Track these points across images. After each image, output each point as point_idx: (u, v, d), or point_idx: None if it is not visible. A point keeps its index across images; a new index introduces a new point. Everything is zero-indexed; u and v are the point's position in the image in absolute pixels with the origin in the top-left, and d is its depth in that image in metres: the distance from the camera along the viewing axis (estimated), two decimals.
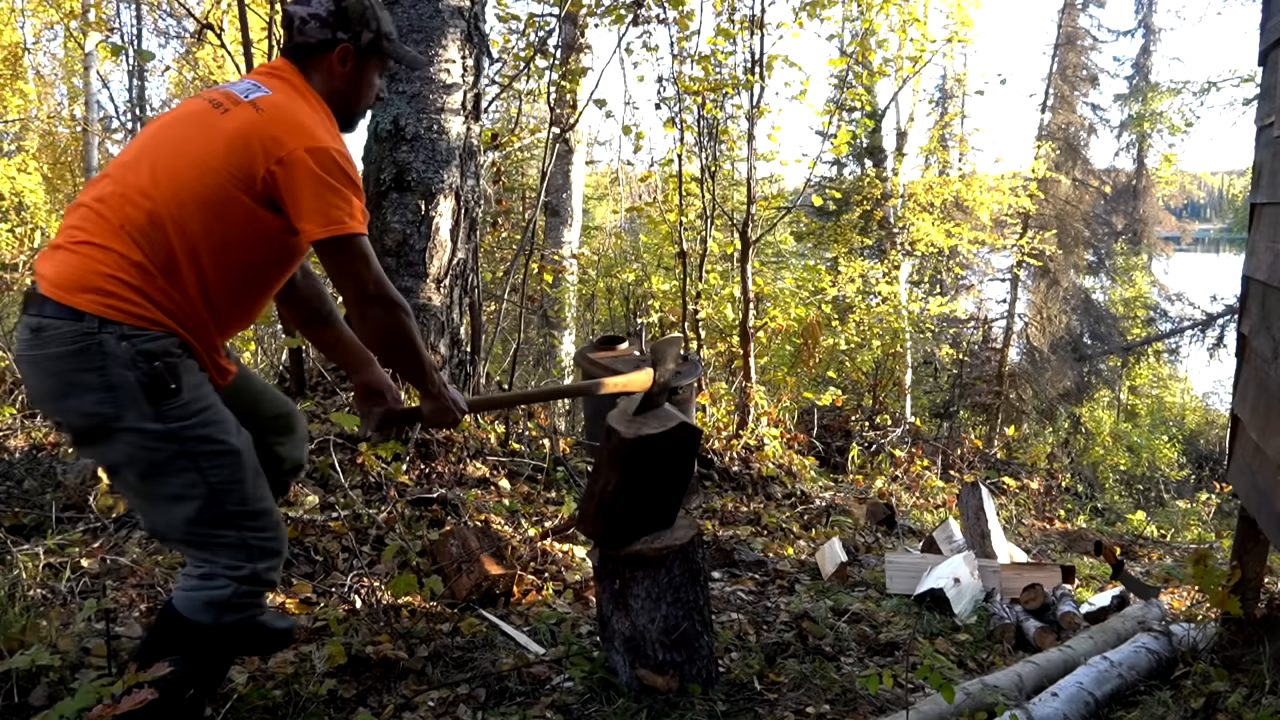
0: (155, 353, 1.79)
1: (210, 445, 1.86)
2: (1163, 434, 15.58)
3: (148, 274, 1.80)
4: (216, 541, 1.89)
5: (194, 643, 1.89)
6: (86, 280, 1.77)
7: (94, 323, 1.75)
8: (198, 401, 1.86)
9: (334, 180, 1.85)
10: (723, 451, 6.16)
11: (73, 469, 4.02)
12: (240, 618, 1.92)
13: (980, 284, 16.37)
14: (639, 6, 6.10)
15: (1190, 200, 27.75)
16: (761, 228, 8.28)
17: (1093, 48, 16.62)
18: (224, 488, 1.87)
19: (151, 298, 1.80)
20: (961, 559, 4.03)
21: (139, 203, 1.82)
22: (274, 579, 1.97)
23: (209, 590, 1.89)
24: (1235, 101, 15.25)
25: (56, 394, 1.81)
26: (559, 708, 2.55)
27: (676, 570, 2.58)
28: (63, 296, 1.77)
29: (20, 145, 13.89)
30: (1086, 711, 2.55)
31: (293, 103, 1.94)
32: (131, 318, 1.78)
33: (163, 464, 1.83)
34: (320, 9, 2.01)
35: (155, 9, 13.82)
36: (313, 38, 2.01)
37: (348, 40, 2.02)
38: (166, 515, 1.89)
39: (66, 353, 1.76)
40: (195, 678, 1.91)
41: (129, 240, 1.80)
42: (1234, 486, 3.09)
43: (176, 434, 1.82)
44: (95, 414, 1.79)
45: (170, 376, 1.80)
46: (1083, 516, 8.92)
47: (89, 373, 1.77)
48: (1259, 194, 2.90)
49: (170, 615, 1.91)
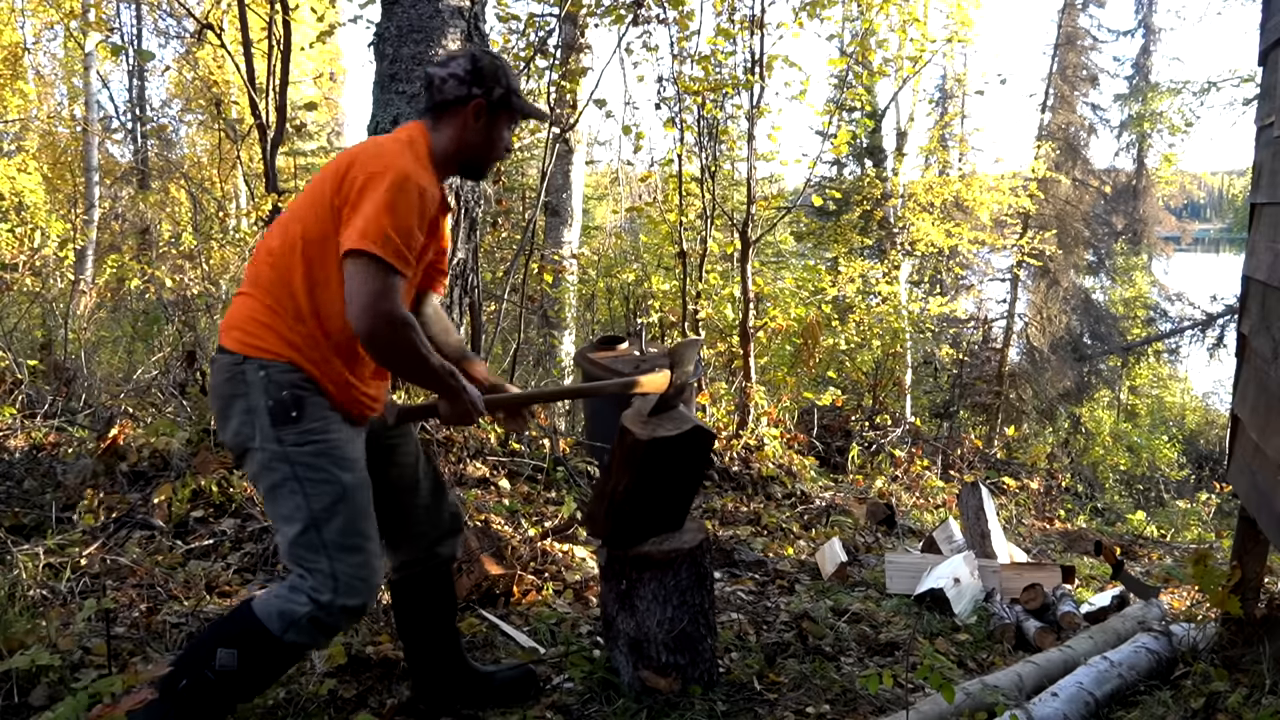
0: (284, 383, 2.03)
1: (318, 474, 2.03)
2: (1163, 434, 15.57)
3: (277, 315, 2.05)
4: (310, 567, 2.02)
5: (255, 645, 2.01)
6: (236, 322, 2.08)
7: (240, 357, 2.04)
8: (316, 432, 2.04)
9: (391, 205, 1.95)
10: (723, 451, 6.16)
11: (73, 469, 4.02)
12: (302, 640, 2.02)
13: (980, 284, 16.37)
14: (639, 6, 6.10)
15: (1190, 200, 27.77)
16: (761, 228, 8.28)
17: (1093, 48, 16.62)
18: (324, 516, 2.02)
19: (283, 336, 2.04)
20: (961, 559, 4.03)
21: (263, 257, 2.10)
22: (349, 619, 2.06)
23: (288, 603, 2.01)
24: (1235, 101, 15.26)
25: (220, 416, 2.09)
26: (559, 708, 2.55)
27: (684, 573, 2.58)
28: (222, 336, 2.10)
29: (20, 145, 13.88)
30: (1086, 711, 2.55)
31: (387, 143, 2.12)
32: (267, 353, 2.03)
33: (278, 485, 2.03)
34: (458, 69, 2.19)
35: (155, 9, 13.83)
36: (450, 95, 2.18)
37: (481, 96, 2.18)
38: (281, 534, 2.06)
39: (223, 380, 2.06)
40: (244, 679, 2.02)
41: (263, 288, 2.07)
42: (1234, 486, 3.09)
43: (290, 457, 2.02)
44: (239, 434, 2.05)
45: (294, 404, 2.02)
46: (1083, 516, 8.91)
47: (238, 398, 2.04)
48: (1259, 194, 2.90)
49: (245, 611, 2.04)
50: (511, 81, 2.24)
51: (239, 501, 3.72)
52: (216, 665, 1.97)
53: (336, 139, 19.16)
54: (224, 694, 2.01)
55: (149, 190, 15.49)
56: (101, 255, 11.60)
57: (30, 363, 5.44)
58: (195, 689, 1.99)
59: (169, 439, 4.13)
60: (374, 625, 2.91)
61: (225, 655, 1.97)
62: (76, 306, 7.00)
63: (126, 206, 14.87)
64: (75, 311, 6.86)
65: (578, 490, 4.67)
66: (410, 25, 4.38)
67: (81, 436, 4.65)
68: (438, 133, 2.20)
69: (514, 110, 2.25)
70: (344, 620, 2.05)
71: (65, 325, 6.48)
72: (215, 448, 4.09)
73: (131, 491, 3.83)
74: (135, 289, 8.57)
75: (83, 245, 11.48)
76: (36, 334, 6.77)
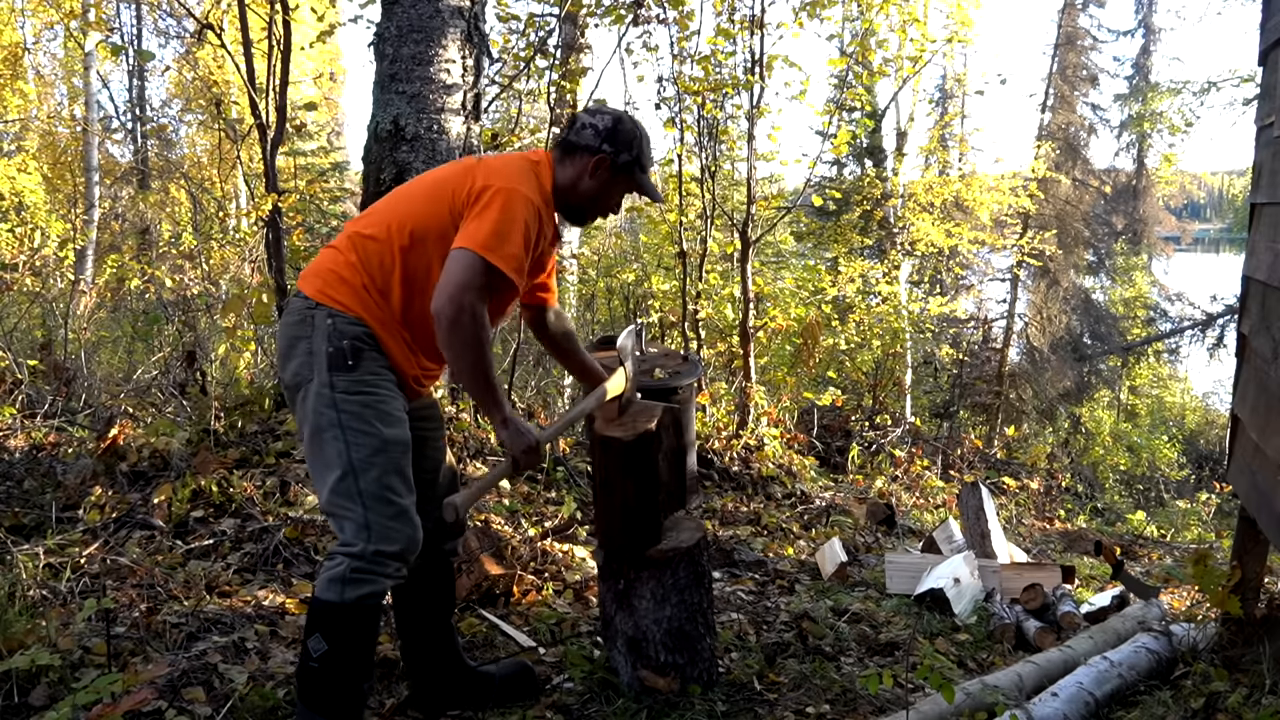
0: (348, 334, 2.12)
1: (361, 424, 2.10)
2: (1163, 434, 15.56)
3: (360, 279, 2.16)
4: (345, 515, 2.10)
5: (329, 619, 2.10)
6: (318, 272, 2.20)
7: (313, 303, 2.15)
8: (368, 385, 2.13)
9: (509, 220, 2.08)
10: (723, 451, 6.16)
11: (73, 469, 4.02)
12: (362, 593, 2.09)
13: (980, 284, 16.36)
14: (639, 6, 6.10)
15: (1190, 200, 27.77)
16: (761, 228, 8.27)
17: (1093, 48, 16.61)
18: (362, 465, 2.09)
19: (359, 295, 2.15)
20: (961, 559, 4.03)
21: (361, 240, 2.20)
22: (393, 565, 2.11)
23: (332, 570, 2.10)
24: (1235, 101, 15.25)
25: (283, 355, 2.18)
26: (559, 708, 2.55)
27: (682, 572, 2.58)
28: (301, 282, 2.21)
29: (20, 145, 13.88)
30: (1086, 711, 2.55)
31: (515, 160, 2.26)
32: (338, 304, 2.14)
33: (323, 429, 2.11)
34: (600, 123, 2.32)
35: (155, 9, 13.83)
36: (582, 141, 2.31)
37: (609, 154, 2.30)
38: (321, 480, 2.14)
39: (293, 321, 2.17)
40: (340, 653, 2.10)
41: (358, 256, 2.18)
42: (1234, 486, 3.09)
43: (338, 403, 2.10)
44: (298, 374, 2.15)
45: (352, 354, 2.12)
46: (1083, 516, 8.91)
47: (303, 339, 2.15)
48: (1259, 194, 2.90)
49: (311, 602, 2.15)
50: (643, 152, 2.35)
51: (239, 501, 3.71)
52: (314, 654, 2.09)
53: (336, 139, 19.16)
54: (334, 674, 2.10)
55: (149, 190, 15.49)
56: (101, 255, 11.59)
57: (30, 363, 5.44)
58: (310, 682, 2.11)
59: (169, 439, 4.13)
60: None
61: (315, 641, 2.09)
62: (76, 306, 7.00)
63: (126, 206, 14.87)
64: (75, 311, 6.86)
65: (578, 490, 4.67)
66: (410, 25, 4.37)
67: (81, 436, 4.65)
68: (561, 167, 2.33)
69: (633, 179, 2.36)
70: (386, 566, 2.10)
71: (65, 325, 6.48)
72: (215, 448, 4.09)
73: (131, 491, 3.83)
74: (135, 289, 8.58)
75: (83, 245, 11.48)
76: (36, 334, 6.77)
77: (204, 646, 2.71)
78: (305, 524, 3.61)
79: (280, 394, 4.72)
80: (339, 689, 2.12)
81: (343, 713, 2.12)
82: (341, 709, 2.12)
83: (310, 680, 2.11)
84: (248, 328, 5.07)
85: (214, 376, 5.58)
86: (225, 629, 2.86)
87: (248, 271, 7.99)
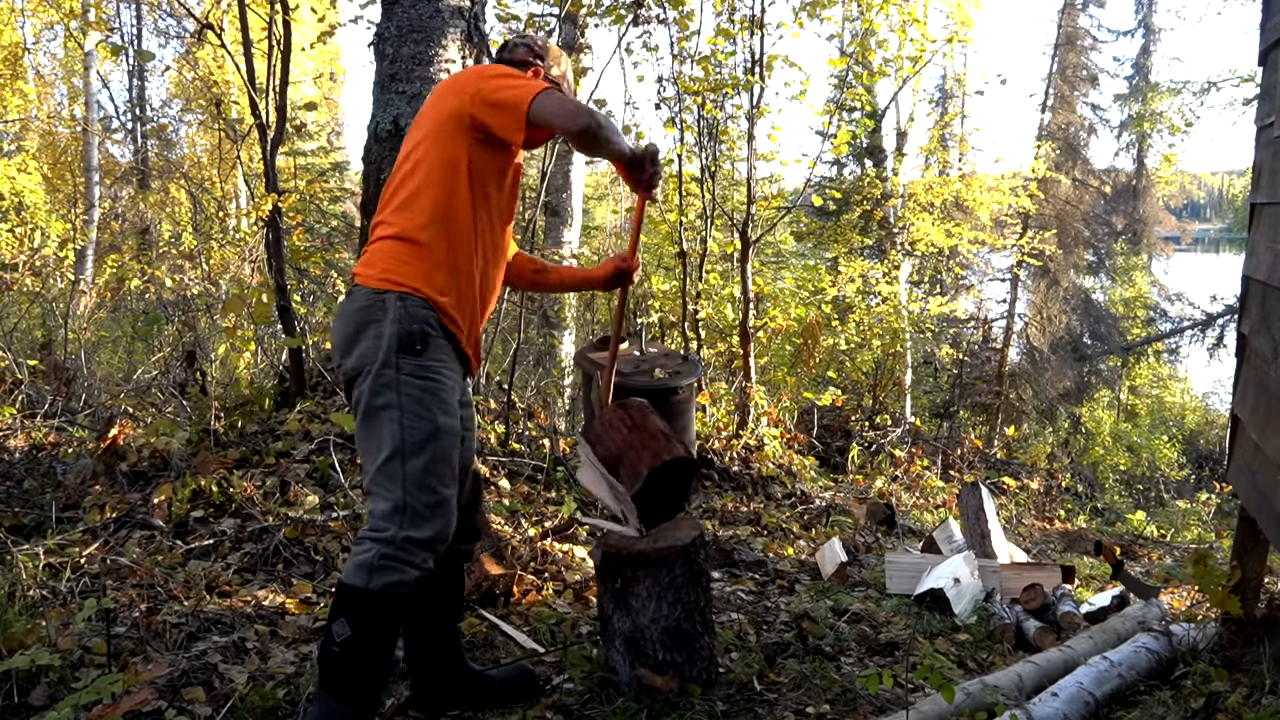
0: (418, 318, 2.17)
1: (419, 408, 2.14)
2: (1163, 434, 15.56)
3: (424, 258, 2.20)
4: (384, 495, 2.13)
5: (354, 605, 2.11)
6: (382, 261, 2.23)
7: (383, 292, 2.18)
8: (431, 371, 2.17)
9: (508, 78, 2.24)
10: (723, 451, 6.16)
11: (73, 469, 4.03)
12: (390, 580, 2.10)
13: (980, 284, 16.36)
14: (639, 6, 6.10)
15: (1190, 200, 27.77)
16: (761, 228, 8.27)
17: (1093, 48, 16.61)
18: (412, 448, 2.12)
19: (428, 275, 2.19)
20: (961, 559, 4.03)
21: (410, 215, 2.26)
22: (421, 551, 2.13)
23: (360, 556, 2.12)
24: (1235, 101, 15.24)
25: (346, 341, 2.20)
26: (559, 708, 2.55)
27: (678, 570, 2.58)
28: (362, 275, 2.24)
29: (20, 145, 13.87)
30: (1086, 711, 2.55)
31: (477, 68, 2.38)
32: (407, 287, 2.18)
33: (380, 409, 2.14)
34: (530, 41, 2.49)
35: (155, 9, 13.83)
36: (517, 57, 2.44)
37: (544, 68, 2.45)
38: (369, 458, 2.16)
39: (360, 307, 2.19)
40: (363, 639, 2.11)
41: (420, 241, 2.22)
42: (1234, 486, 3.09)
43: (400, 385, 2.14)
44: (363, 356, 2.17)
45: (420, 339, 2.16)
46: (1083, 516, 8.91)
47: (373, 323, 2.17)
48: (1259, 194, 2.90)
49: (338, 587, 2.16)
50: (570, 72, 2.52)
51: (239, 501, 3.72)
52: (336, 638, 2.10)
53: (336, 139, 19.16)
54: (355, 660, 2.11)
55: (149, 190, 15.49)
56: (101, 255, 11.60)
57: (30, 363, 5.44)
58: (332, 667, 2.12)
59: (169, 439, 4.13)
60: None
61: (339, 626, 2.10)
62: (76, 306, 7.01)
63: (126, 206, 14.87)
64: (75, 311, 6.86)
65: (578, 490, 4.67)
66: (410, 25, 4.37)
67: (81, 436, 4.65)
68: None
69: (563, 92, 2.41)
70: (415, 555, 2.13)
71: (65, 325, 6.49)
72: (215, 448, 4.09)
73: (131, 491, 3.83)
74: (135, 289, 8.58)
75: (83, 245, 11.49)
76: (36, 334, 6.77)
77: (204, 646, 2.71)
78: (305, 524, 3.61)
79: (280, 394, 4.72)
80: (359, 675, 2.13)
81: (361, 699, 2.13)
82: (360, 695, 2.13)
83: (331, 664, 2.13)
84: (248, 328, 5.08)
85: (214, 376, 5.58)
86: (225, 629, 2.86)
87: (248, 271, 8.00)
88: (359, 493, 3.84)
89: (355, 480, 3.95)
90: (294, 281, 5.80)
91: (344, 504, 3.77)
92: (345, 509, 3.73)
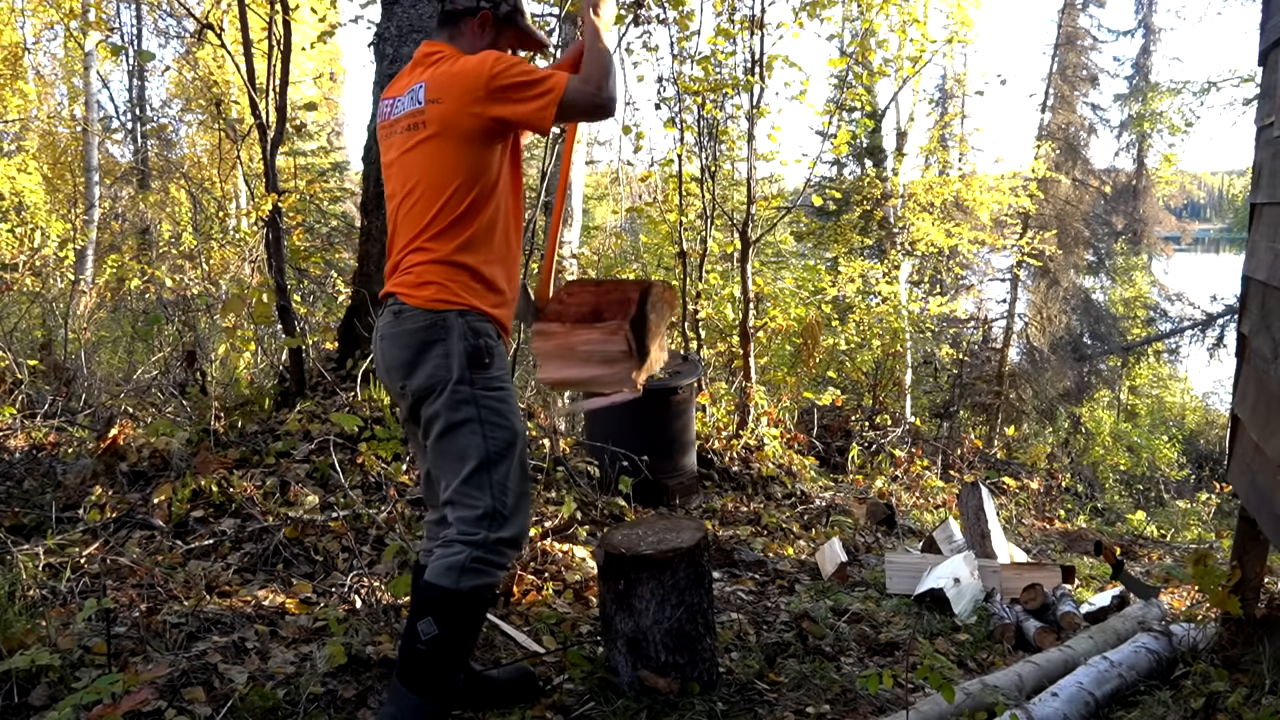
0: (481, 332, 2.23)
1: (498, 418, 2.21)
2: (1163, 434, 15.55)
3: (465, 274, 2.23)
4: (471, 504, 2.18)
5: (442, 605, 2.16)
6: (430, 279, 2.23)
7: (440, 312, 2.21)
8: (500, 380, 2.25)
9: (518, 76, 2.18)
10: (723, 451, 6.16)
11: (73, 469, 4.03)
12: (480, 582, 2.17)
13: (980, 284, 16.36)
14: (639, 6, 6.10)
15: (1190, 200, 27.79)
16: (761, 228, 8.27)
17: (1093, 48, 16.61)
18: (496, 456, 2.19)
19: (475, 291, 2.23)
20: (961, 559, 4.03)
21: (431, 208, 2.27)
22: (510, 550, 2.21)
23: (449, 557, 2.17)
24: (1235, 101, 15.24)
25: (409, 364, 2.22)
26: (559, 708, 2.55)
27: (682, 573, 2.58)
28: (409, 295, 2.23)
29: (20, 145, 13.88)
30: (1086, 711, 2.55)
31: (462, 57, 2.26)
32: (463, 304, 2.22)
33: (460, 423, 2.19)
34: None
35: (155, 9, 13.83)
36: (460, 5, 2.35)
37: (488, 9, 2.35)
38: (451, 472, 2.21)
39: (419, 328, 2.21)
40: (449, 638, 2.17)
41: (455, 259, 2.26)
42: (1234, 486, 3.09)
43: (476, 399, 2.20)
44: (434, 375, 2.20)
45: (487, 352, 2.23)
46: (1083, 516, 8.91)
47: (438, 343, 2.20)
48: (1259, 194, 2.90)
49: (423, 587, 2.20)
50: (520, 2, 2.42)
51: (239, 501, 3.71)
52: (423, 637, 2.15)
53: (336, 139, 19.17)
54: (439, 658, 2.18)
55: (149, 190, 15.49)
56: (101, 255, 11.60)
57: (30, 363, 5.44)
58: (416, 665, 2.17)
59: (169, 439, 4.13)
60: (374, 625, 2.91)
61: (426, 624, 2.15)
62: (76, 306, 7.00)
63: (126, 206, 14.87)
64: (75, 311, 6.86)
65: (578, 490, 4.67)
66: (410, 25, 4.38)
67: (81, 436, 4.65)
68: (458, 44, 2.34)
69: (519, 29, 2.42)
70: (504, 553, 2.20)
71: (65, 325, 6.49)
72: (215, 448, 4.09)
73: (131, 491, 3.83)
74: (135, 289, 8.59)
75: (83, 245, 11.49)
76: (36, 334, 6.77)
77: (204, 646, 2.71)
78: (305, 524, 3.61)
79: (280, 394, 4.71)
80: (442, 673, 2.19)
81: (441, 696, 2.20)
82: (440, 692, 2.19)
83: (415, 662, 2.17)
84: (248, 328, 5.07)
85: (214, 376, 5.58)
86: (225, 629, 2.86)
87: (248, 271, 8.00)
88: (359, 492, 3.84)
89: (355, 480, 3.95)
90: (294, 281, 5.80)
91: (344, 504, 3.77)
92: (345, 509, 3.73)
